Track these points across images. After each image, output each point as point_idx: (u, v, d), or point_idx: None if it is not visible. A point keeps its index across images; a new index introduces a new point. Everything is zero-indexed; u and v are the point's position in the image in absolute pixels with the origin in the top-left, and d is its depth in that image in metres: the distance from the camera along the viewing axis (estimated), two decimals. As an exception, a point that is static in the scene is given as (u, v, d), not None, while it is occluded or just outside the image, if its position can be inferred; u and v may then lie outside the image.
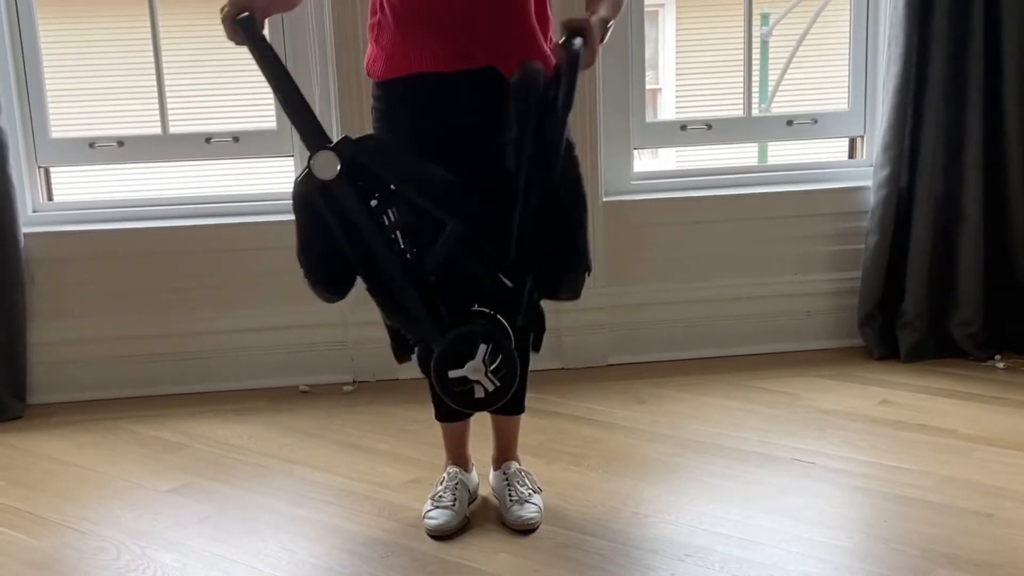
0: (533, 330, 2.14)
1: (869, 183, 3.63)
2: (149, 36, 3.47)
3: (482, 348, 2.14)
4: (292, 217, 3.51)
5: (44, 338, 3.47)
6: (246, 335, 3.55)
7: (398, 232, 2.20)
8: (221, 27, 2.22)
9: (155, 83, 3.50)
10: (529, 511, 2.52)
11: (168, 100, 3.53)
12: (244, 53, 2.24)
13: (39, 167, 3.54)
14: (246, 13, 2.18)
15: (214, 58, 3.63)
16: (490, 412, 2.58)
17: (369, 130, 2.47)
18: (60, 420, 3.35)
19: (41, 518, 2.68)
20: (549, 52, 2.33)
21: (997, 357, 3.59)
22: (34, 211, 3.53)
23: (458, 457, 2.67)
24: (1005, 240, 3.62)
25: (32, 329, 3.44)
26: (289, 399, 3.47)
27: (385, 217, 2.20)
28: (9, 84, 3.39)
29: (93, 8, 3.62)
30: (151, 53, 3.48)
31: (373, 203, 2.19)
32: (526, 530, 2.50)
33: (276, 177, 3.66)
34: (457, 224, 2.11)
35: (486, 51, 2.31)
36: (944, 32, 3.45)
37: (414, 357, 2.29)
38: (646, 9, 3.65)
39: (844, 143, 3.90)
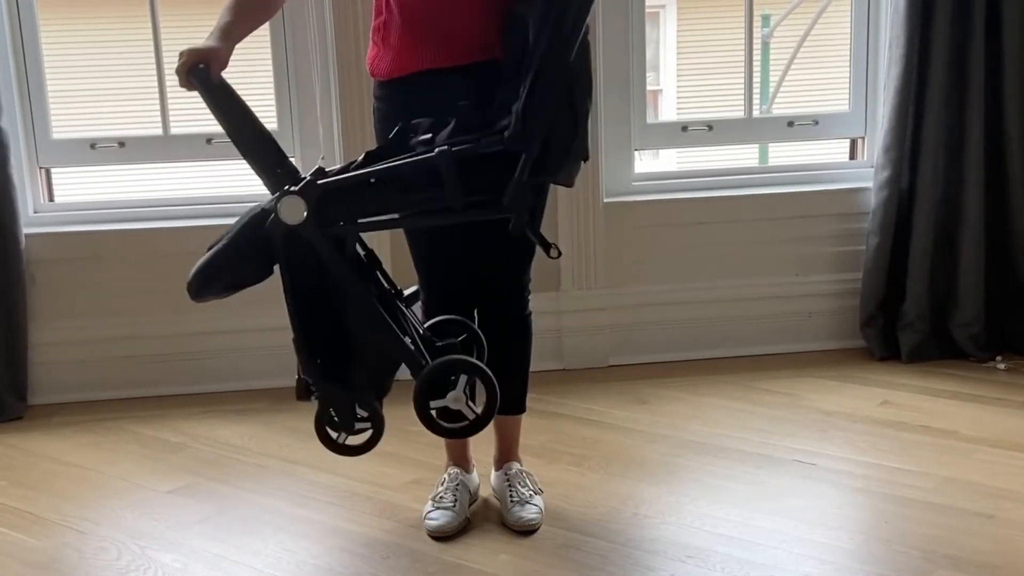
0: (521, 207, 2.04)
1: (870, 184, 3.63)
2: (150, 37, 3.47)
3: (462, 378, 2.15)
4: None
5: (45, 338, 3.47)
6: (247, 335, 3.55)
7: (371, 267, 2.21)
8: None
9: (156, 84, 3.50)
10: (530, 512, 2.52)
11: (169, 101, 3.53)
12: (245, 55, 2.25)
13: (40, 168, 3.54)
14: (202, 64, 2.16)
15: (215, 59, 3.62)
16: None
17: (369, 134, 2.45)
18: (61, 420, 3.35)
19: (41, 518, 2.68)
20: None
21: (998, 358, 3.59)
22: (35, 212, 3.53)
23: (459, 458, 2.67)
24: (1006, 241, 3.62)
25: (33, 329, 3.44)
26: (290, 400, 3.43)
27: (357, 251, 2.19)
28: (10, 84, 3.39)
29: (94, 9, 3.62)
30: (152, 54, 3.48)
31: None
32: (527, 531, 2.50)
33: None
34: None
35: (492, 44, 2.31)
36: (945, 34, 3.45)
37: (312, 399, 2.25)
38: (647, 10, 3.65)
39: (845, 144, 3.90)
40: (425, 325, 2.39)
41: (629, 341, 3.67)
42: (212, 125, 3.54)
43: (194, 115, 3.58)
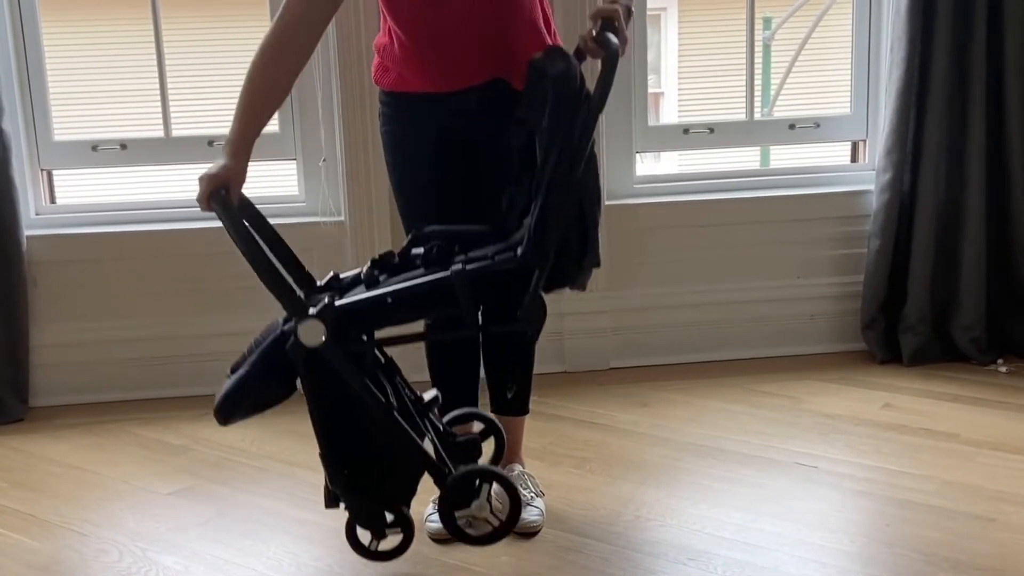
0: (536, 321, 2.13)
1: (871, 187, 3.63)
2: (152, 39, 3.48)
3: (484, 488, 2.23)
4: (294, 221, 3.52)
5: (46, 340, 3.47)
6: (249, 338, 3.53)
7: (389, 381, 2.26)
8: (223, 30, 2.23)
9: (158, 86, 3.51)
10: (531, 514, 2.52)
11: (171, 103, 3.53)
12: (246, 57, 2.25)
13: (42, 170, 3.54)
14: (223, 190, 2.19)
15: (216, 61, 3.63)
16: (495, 413, 2.60)
17: (371, 139, 2.46)
18: (62, 422, 3.35)
19: (42, 520, 2.68)
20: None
21: (1000, 361, 3.59)
22: (37, 214, 3.53)
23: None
24: (1008, 244, 3.62)
25: (34, 331, 3.44)
26: (291, 402, 3.45)
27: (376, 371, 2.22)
28: (12, 87, 3.40)
29: (96, 11, 3.62)
30: (154, 56, 3.48)
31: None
32: (528, 533, 2.49)
33: (278, 180, 3.66)
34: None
35: (493, 67, 2.37)
36: (946, 36, 3.45)
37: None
38: (648, 13, 3.66)
39: (846, 147, 3.90)
40: (444, 420, 2.45)
41: (631, 344, 3.67)
42: (213, 127, 3.56)
43: (195, 117, 3.60)
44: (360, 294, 2.14)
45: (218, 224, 3.49)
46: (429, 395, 2.41)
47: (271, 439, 3.14)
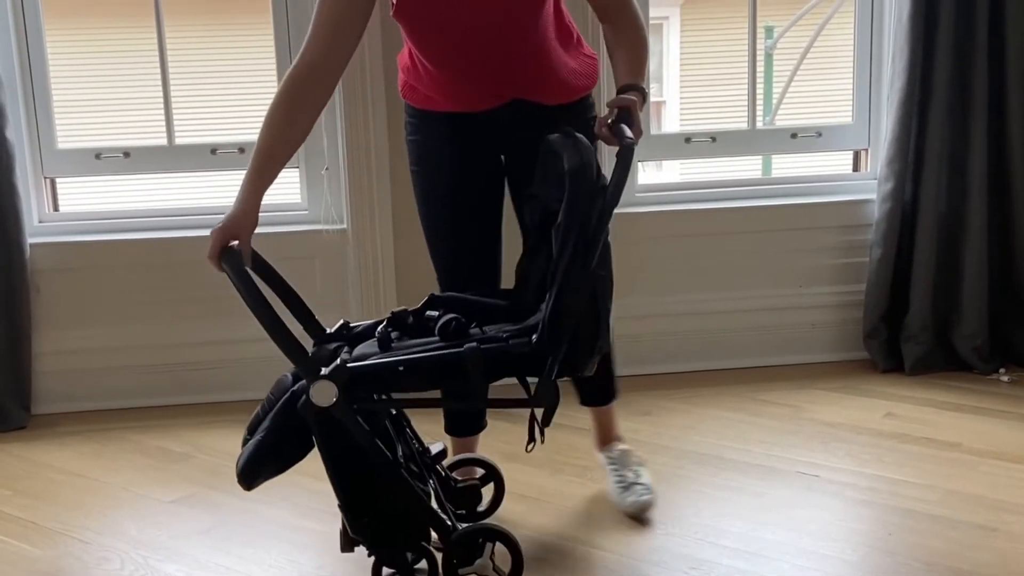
0: (549, 403, 2.18)
1: (873, 196, 3.63)
2: (156, 48, 3.48)
3: (488, 546, 2.24)
4: (297, 229, 3.53)
5: (49, 348, 3.47)
6: (251, 345, 3.53)
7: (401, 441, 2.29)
8: (226, 39, 2.24)
9: (161, 94, 3.52)
10: (638, 494, 2.62)
11: (174, 111, 3.54)
12: (250, 65, 2.26)
13: (45, 178, 3.55)
14: (233, 243, 2.19)
15: (220, 69, 3.64)
16: (582, 404, 2.75)
17: (373, 147, 2.46)
18: (64, 430, 3.36)
19: (44, 528, 2.68)
20: (578, 65, 2.46)
21: (1002, 370, 3.58)
22: (40, 222, 3.54)
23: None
24: (1010, 253, 3.62)
25: (37, 339, 3.45)
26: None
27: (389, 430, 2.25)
28: (16, 95, 3.40)
29: (100, 20, 3.63)
30: (157, 64, 3.49)
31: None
32: (639, 517, 2.60)
33: (281, 188, 3.66)
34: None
35: (515, 88, 2.42)
36: (948, 46, 3.45)
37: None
38: (650, 22, 3.66)
39: (848, 156, 3.91)
40: (447, 464, 2.48)
41: (632, 352, 3.67)
42: (216, 135, 3.56)
43: (198, 126, 3.60)
44: (372, 356, 2.16)
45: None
46: (436, 447, 2.45)
47: (273, 447, 3.14)
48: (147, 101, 3.54)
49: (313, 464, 2.95)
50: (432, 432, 2.63)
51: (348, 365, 2.11)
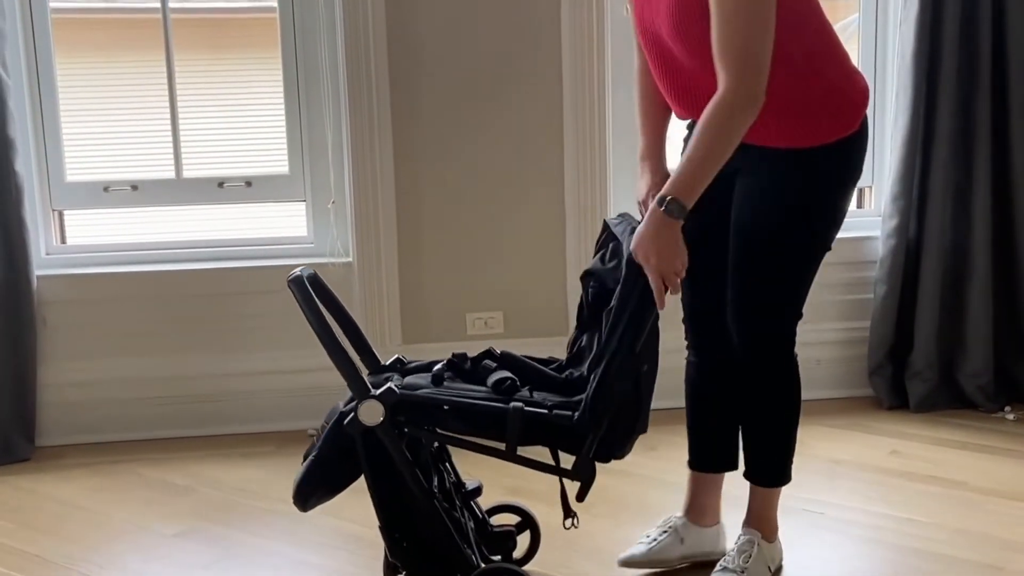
0: (586, 479, 2.21)
1: (878, 233, 3.64)
2: (165, 81, 3.51)
3: None
4: (303, 262, 3.54)
5: (54, 380, 3.48)
6: (255, 378, 3.55)
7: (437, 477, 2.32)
8: (234, 73, 2.27)
9: (169, 128, 3.54)
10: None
11: (182, 145, 3.57)
12: (258, 99, 2.28)
13: (53, 210, 3.56)
14: (298, 271, 2.26)
15: (228, 103, 3.66)
16: (744, 476, 2.53)
17: (380, 181, 2.40)
18: (68, 462, 3.35)
19: (48, 561, 2.67)
20: (811, 98, 2.22)
21: (1007, 408, 3.57)
22: (47, 254, 3.55)
23: (690, 507, 2.60)
24: (1014, 291, 3.62)
25: (43, 371, 3.45)
26: (297, 443, 3.44)
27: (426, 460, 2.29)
28: (27, 128, 3.43)
29: (109, 54, 3.66)
30: (166, 98, 3.52)
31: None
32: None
33: (288, 221, 3.68)
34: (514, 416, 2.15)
35: (685, 112, 2.35)
36: (952, 83, 3.47)
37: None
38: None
39: (853, 193, 3.90)
40: (485, 510, 2.50)
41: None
42: (223, 168, 3.58)
43: (206, 159, 3.62)
44: (422, 388, 2.21)
45: (227, 266, 3.56)
46: (472, 484, 2.46)
47: (276, 480, 3.13)
48: (155, 134, 3.56)
49: (317, 498, 2.94)
50: (470, 471, 2.62)
51: (397, 390, 2.17)
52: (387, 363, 2.38)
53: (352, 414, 2.17)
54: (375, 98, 3.42)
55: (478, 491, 2.47)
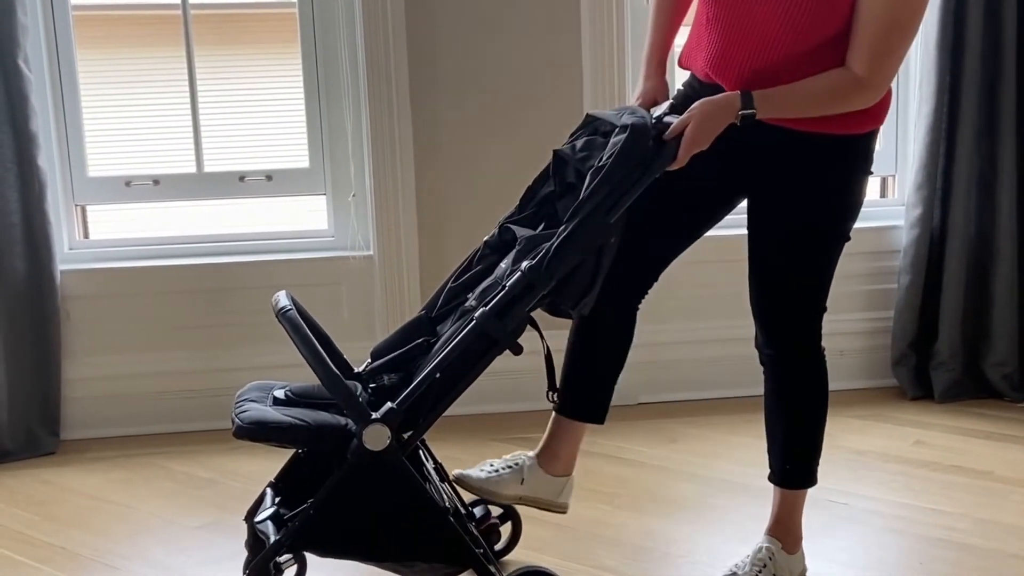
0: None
1: (901, 222, 3.62)
2: (185, 76, 3.52)
3: None
4: (324, 255, 3.54)
5: (78, 374, 3.50)
6: (278, 371, 3.55)
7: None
8: (255, 67, 2.27)
9: (191, 122, 3.55)
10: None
11: (203, 139, 3.58)
12: (278, 93, 2.28)
13: (76, 205, 3.58)
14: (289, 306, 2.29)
15: (248, 98, 3.67)
16: (769, 479, 2.47)
17: (400, 174, 2.40)
18: (93, 456, 3.37)
19: (74, 553, 2.69)
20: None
21: (1032, 398, 3.55)
22: (70, 248, 3.57)
23: (543, 449, 2.50)
24: (1040, 279, 3.59)
25: (66, 365, 3.47)
26: (319, 436, 3.47)
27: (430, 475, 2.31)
28: (49, 123, 3.45)
29: (131, 49, 3.68)
30: (187, 93, 3.53)
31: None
32: None
33: (309, 215, 3.69)
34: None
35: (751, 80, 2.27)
36: (975, 71, 3.44)
37: None
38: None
39: (876, 182, 3.89)
40: (469, 503, 2.49)
41: (659, 379, 3.66)
42: (243, 163, 3.60)
43: (227, 153, 3.64)
44: (402, 386, 2.18)
45: (249, 259, 3.56)
46: (473, 506, 2.48)
47: (299, 473, 3.14)
48: (176, 129, 3.57)
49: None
50: (450, 465, 2.63)
51: (396, 406, 2.12)
52: (359, 370, 2.36)
53: (356, 441, 2.11)
54: (395, 91, 3.42)
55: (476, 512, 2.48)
